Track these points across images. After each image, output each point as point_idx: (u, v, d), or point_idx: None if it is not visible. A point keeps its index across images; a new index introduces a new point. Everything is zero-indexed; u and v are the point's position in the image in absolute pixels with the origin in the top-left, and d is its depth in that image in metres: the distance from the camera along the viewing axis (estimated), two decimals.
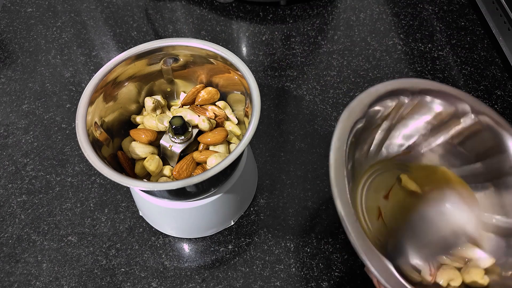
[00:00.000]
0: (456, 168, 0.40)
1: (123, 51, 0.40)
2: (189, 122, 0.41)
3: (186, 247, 0.45)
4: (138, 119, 0.42)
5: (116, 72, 0.39)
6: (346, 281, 0.42)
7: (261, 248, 0.44)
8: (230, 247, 0.44)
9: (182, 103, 0.44)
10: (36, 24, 0.62)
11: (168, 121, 0.40)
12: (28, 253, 0.44)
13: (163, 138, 0.40)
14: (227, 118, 0.44)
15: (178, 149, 0.40)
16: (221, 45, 0.40)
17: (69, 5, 0.64)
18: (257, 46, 0.59)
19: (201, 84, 0.44)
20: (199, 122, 0.41)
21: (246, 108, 0.41)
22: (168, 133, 0.40)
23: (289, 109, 0.54)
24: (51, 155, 0.50)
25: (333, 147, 0.32)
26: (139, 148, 0.40)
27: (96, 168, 0.34)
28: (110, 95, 0.40)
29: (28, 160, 0.50)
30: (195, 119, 0.41)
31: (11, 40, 0.61)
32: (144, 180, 0.40)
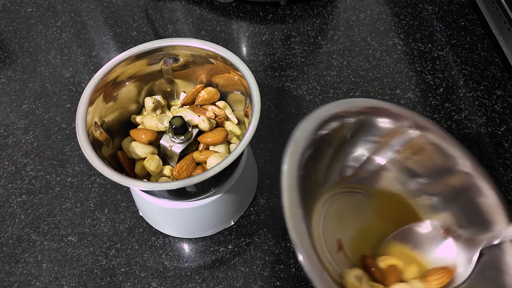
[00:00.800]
0: (407, 185, 0.40)
1: (123, 51, 0.40)
2: (189, 122, 0.41)
3: (186, 247, 0.45)
4: (138, 119, 0.42)
5: (116, 72, 0.39)
6: None
7: (261, 248, 0.44)
8: (230, 247, 0.44)
9: (182, 103, 0.44)
10: (36, 24, 0.62)
11: (168, 121, 0.40)
12: (28, 253, 0.44)
13: (163, 138, 0.40)
14: (227, 118, 0.44)
15: (178, 149, 0.40)
16: (221, 45, 0.40)
17: (69, 5, 0.64)
18: (257, 46, 0.59)
19: (201, 84, 0.44)
20: (199, 122, 0.41)
21: (246, 108, 0.41)
22: (168, 133, 0.40)
23: (289, 109, 0.54)
24: (51, 155, 0.50)
25: (285, 187, 0.31)
26: (139, 148, 0.40)
27: (96, 168, 0.34)
28: (110, 95, 0.40)
29: (28, 160, 0.50)
30: (195, 119, 0.41)
31: (11, 40, 0.61)
32: (144, 180, 0.40)
